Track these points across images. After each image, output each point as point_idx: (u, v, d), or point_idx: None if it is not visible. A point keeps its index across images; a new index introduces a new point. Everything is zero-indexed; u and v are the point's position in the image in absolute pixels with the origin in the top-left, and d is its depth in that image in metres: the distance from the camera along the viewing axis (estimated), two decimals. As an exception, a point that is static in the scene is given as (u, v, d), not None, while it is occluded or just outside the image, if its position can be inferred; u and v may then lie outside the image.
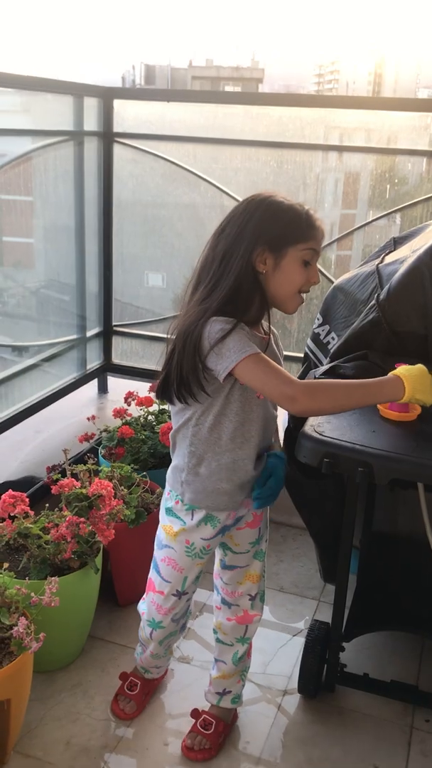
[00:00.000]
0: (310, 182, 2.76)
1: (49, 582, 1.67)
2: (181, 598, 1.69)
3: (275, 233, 1.42)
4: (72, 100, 2.73)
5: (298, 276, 1.45)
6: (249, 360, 1.35)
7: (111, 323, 3.17)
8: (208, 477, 1.53)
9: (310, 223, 1.44)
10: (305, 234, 1.43)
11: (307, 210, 1.46)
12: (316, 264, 1.47)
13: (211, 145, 2.82)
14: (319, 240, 1.46)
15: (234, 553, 1.69)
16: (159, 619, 1.71)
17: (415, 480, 1.50)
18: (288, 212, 1.44)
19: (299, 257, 1.44)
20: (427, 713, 1.90)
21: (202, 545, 1.61)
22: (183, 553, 1.62)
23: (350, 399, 1.39)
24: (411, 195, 2.63)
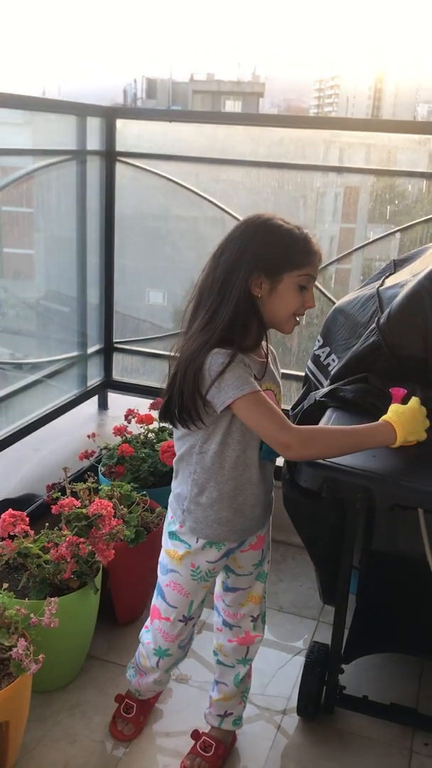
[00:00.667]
0: (310, 202, 2.78)
1: (49, 603, 1.67)
2: (188, 624, 1.67)
3: (272, 259, 1.42)
4: (75, 119, 2.76)
5: (293, 301, 1.45)
6: (247, 399, 1.36)
7: (112, 340, 3.17)
8: (210, 506, 1.53)
9: (308, 249, 1.45)
10: (302, 260, 1.44)
11: (305, 235, 1.46)
12: (312, 289, 1.48)
13: (212, 165, 2.84)
14: (315, 265, 1.47)
15: (237, 576, 1.69)
16: (166, 647, 1.69)
17: (415, 506, 1.50)
18: (286, 237, 1.44)
19: (295, 282, 1.44)
20: (426, 737, 1.89)
21: (208, 568, 1.60)
22: (189, 577, 1.60)
23: (343, 448, 1.42)
24: (411, 215, 2.64)
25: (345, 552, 1.70)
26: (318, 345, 1.92)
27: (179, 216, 2.99)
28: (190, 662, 2.11)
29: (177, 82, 60.82)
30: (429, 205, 2.61)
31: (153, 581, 1.70)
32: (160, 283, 3.20)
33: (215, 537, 1.56)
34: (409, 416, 1.41)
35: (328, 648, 1.87)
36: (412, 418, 1.41)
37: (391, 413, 1.43)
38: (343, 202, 2.85)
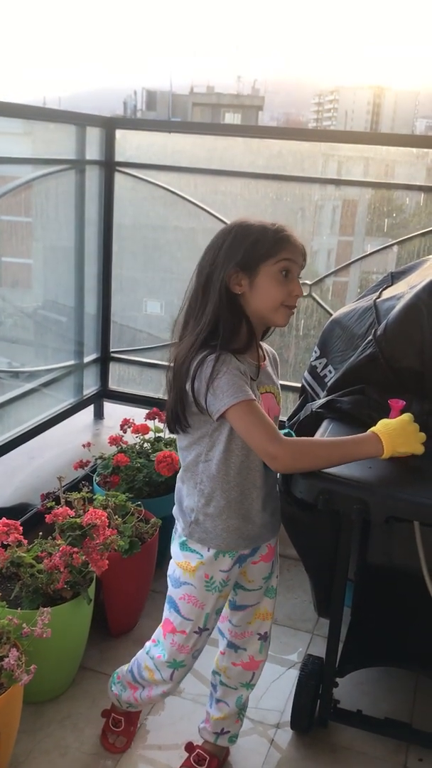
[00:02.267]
0: (308, 214, 2.79)
1: (42, 612, 1.66)
2: (203, 635, 1.61)
3: (244, 253, 1.42)
4: (75, 129, 2.77)
5: (275, 290, 1.43)
6: (240, 407, 1.36)
7: (109, 349, 3.17)
8: (218, 516, 1.51)
9: (279, 236, 1.43)
10: (274, 248, 1.43)
11: (277, 226, 1.45)
12: (296, 274, 1.46)
13: (211, 176, 2.85)
14: (292, 250, 1.44)
15: (246, 591, 1.66)
16: (181, 659, 1.62)
17: (411, 518, 1.50)
18: (255, 231, 1.44)
19: (274, 272, 1.43)
20: (420, 752, 1.88)
21: (222, 578, 1.56)
22: (203, 588, 1.56)
23: (330, 460, 1.41)
24: (408, 228, 2.65)
25: (340, 564, 1.70)
26: (315, 356, 1.92)
27: (177, 227, 3.00)
28: (184, 674, 2.09)
29: (177, 94, 61.20)
30: (426, 218, 2.62)
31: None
32: (158, 293, 3.21)
33: (225, 546, 1.53)
34: (398, 429, 1.40)
35: (322, 661, 1.86)
36: (401, 431, 1.40)
37: (380, 425, 1.42)
38: (341, 215, 2.86)
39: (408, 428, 1.41)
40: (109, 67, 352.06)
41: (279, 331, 2.86)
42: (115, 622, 2.17)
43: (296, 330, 2.85)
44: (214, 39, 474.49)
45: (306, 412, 1.81)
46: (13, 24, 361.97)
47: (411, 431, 1.41)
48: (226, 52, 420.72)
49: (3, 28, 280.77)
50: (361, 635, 2.02)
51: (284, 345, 2.90)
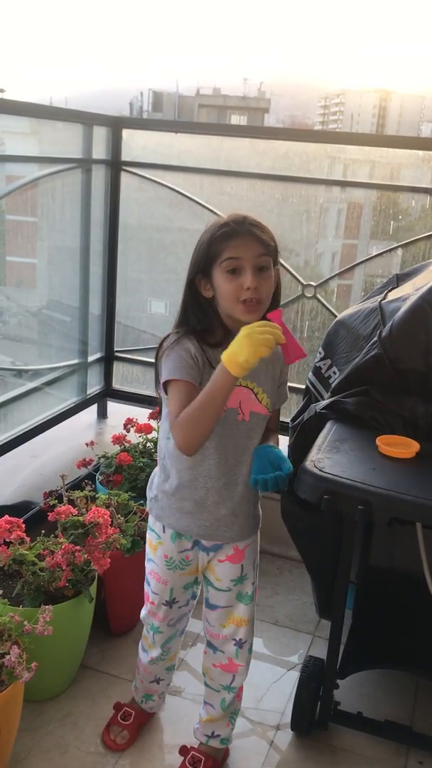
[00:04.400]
0: (314, 216, 2.79)
1: (43, 610, 1.66)
2: (173, 607, 1.70)
3: (200, 259, 1.47)
4: (81, 128, 2.77)
5: (226, 288, 1.43)
6: (172, 385, 1.43)
7: (113, 348, 3.17)
8: (173, 494, 1.57)
9: (222, 234, 1.43)
10: (218, 248, 1.43)
11: (223, 222, 1.45)
12: (247, 269, 1.41)
13: (217, 177, 2.85)
14: (234, 246, 1.42)
15: (215, 590, 1.66)
16: (157, 625, 1.74)
17: (414, 520, 1.50)
18: (205, 234, 1.47)
19: (222, 271, 1.43)
20: (420, 755, 1.87)
21: (181, 557, 1.63)
22: (164, 567, 1.65)
23: (202, 411, 1.36)
24: (414, 231, 2.65)
25: (342, 566, 1.69)
26: (319, 357, 1.92)
27: (183, 227, 3.00)
28: (184, 675, 2.09)
29: (183, 95, 61.26)
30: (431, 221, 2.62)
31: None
32: (163, 294, 3.21)
33: (179, 527, 1.59)
34: (234, 343, 1.33)
35: (323, 663, 1.85)
36: (236, 343, 1.31)
37: (224, 353, 1.36)
38: (346, 217, 2.86)
39: (242, 339, 1.31)
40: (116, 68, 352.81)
41: (283, 332, 2.86)
42: (116, 621, 2.17)
43: (300, 332, 2.85)
44: (220, 41, 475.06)
45: (310, 413, 1.81)
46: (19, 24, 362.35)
47: (243, 338, 1.31)
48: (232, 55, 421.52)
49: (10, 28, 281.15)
50: (362, 637, 2.02)
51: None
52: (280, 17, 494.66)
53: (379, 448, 1.54)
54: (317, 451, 1.53)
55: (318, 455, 1.51)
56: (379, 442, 1.55)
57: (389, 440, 1.57)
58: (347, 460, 1.50)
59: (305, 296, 2.79)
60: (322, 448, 1.55)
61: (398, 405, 1.67)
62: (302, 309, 2.82)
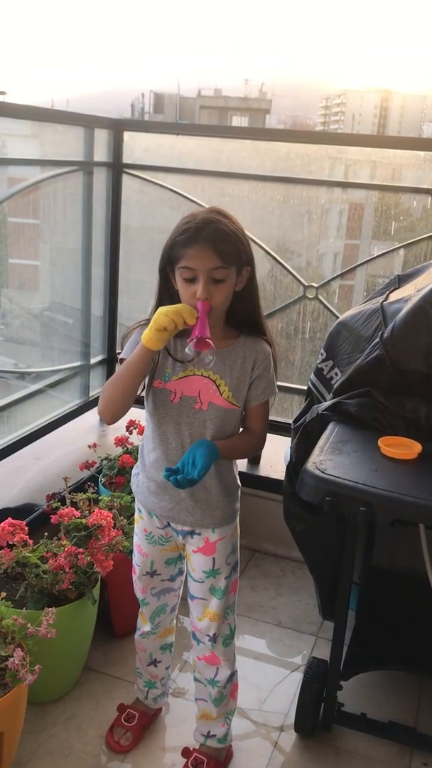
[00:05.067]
0: (315, 215, 2.79)
1: (46, 613, 1.66)
2: (154, 577, 1.76)
3: (164, 255, 1.49)
4: (83, 131, 2.77)
5: (182, 291, 1.46)
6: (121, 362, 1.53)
7: (115, 351, 3.17)
8: (143, 471, 1.68)
9: (183, 240, 1.43)
10: (177, 254, 1.44)
11: (185, 225, 1.44)
12: (201, 280, 1.42)
13: (218, 178, 2.86)
14: (190, 257, 1.42)
15: (192, 580, 1.70)
16: (142, 597, 1.80)
17: (416, 521, 1.50)
18: (174, 231, 1.47)
19: (180, 275, 1.46)
20: (424, 756, 1.87)
21: (160, 533, 1.69)
22: (144, 540, 1.72)
23: (118, 378, 1.48)
24: (415, 231, 2.65)
25: (345, 567, 1.69)
26: (321, 358, 1.92)
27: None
28: (188, 677, 2.09)
29: (184, 97, 61.27)
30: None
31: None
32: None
33: (147, 505, 1.67)
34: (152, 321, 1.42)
35: (326, 664, 1.86)
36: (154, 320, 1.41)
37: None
38: (348, 218, 2.86)
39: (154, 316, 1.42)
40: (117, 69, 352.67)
41: (285, 334, 2.87)
42: (119, 623, 2.17)
43: (302, 333, 2.85)
44: (221, 41, 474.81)
45: (312, 414, 1.81)
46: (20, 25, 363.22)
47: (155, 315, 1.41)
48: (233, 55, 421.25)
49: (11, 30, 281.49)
50: (365, 638, 2.02)
51: (290, 347, 2.91)
52: (280, 17, 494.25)
53: (381, 449, 1.54)
54: (319, 453, 1.53)
55: (320, 457, 1.51)
56: (381, 443, 1.55)
57: (391, 441, 1.57)
58: (349, 461, 1.50)
59: (307, 297, 2.79)
60: (324, 450, 1.55)
61: (400, 406, 1.67)
62: (304, 310, 2.82)
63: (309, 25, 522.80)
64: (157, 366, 1.55)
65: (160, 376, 1.56)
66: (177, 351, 1.55)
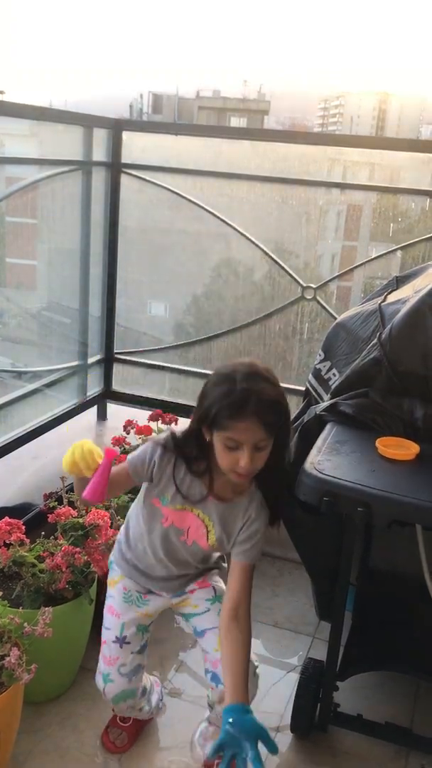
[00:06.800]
0: (313, 216, 2.79)
1: (43, 612, 1.66)
2: (123, 647, 1.67)
3: (204, 411, 1.40)
4: (81, 130, 2.77)
5: (222, 456, 1.41)
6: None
7: (112, 350, 3.17)
8: (128, 552, 1.66)
9: (227, 408, 1.35)
10: (221, 422, 1.37)
11: (227, 389, 1.36)
12: (246, 450, 1.36)
13: (217, 179, 2.86)
14: (237, 429, 1.35)
15: (198, 616, 1.67)
16: (107, 672, 1.68)
17: (414, 522, 1.50)
18: (210, 390, 1.40)
19: (221, 441, 1.39)
20: (421, 757, 1.87)
21: (138, 594, 1.67)
22: (121, 599, 1.68)
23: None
24: (413, 233, 2.66)
25: (342, 568, 1.69)
26: (319, 359, 1.93)
27: (183, 229, 3.00)
28: (183, 677, 2.09)
29: (183, 98, 61.25)
30: (431, 223, 2.62)
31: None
32: (162, 296, 3.21)
33: (130, 576, 1.67)
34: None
35: (323, 664, 1.85)
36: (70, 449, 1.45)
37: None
38: (346, 219, 2.86)
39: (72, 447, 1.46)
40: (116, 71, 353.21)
41: (283, 335, 2.87)
42: (116, 623, 2.17)
43: (300, 334, 2.85)
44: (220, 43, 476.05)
45: (310, 415, 1.81)
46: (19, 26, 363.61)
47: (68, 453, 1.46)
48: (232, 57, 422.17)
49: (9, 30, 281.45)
50: (362, 639, 2.01)
51: (288, 348, 2.91)
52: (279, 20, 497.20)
53: (378, 450, 1.55)
54: (317, 453, 1.53)
55: (318, 457, 1.51)
56: (378, 444, 1.55)
57: (389, 442, 1.57)
58: (347, 462, 1.50)
59: (305, 298, 2.79)
60: (322, 450, 1.55)
61: (398, 407, 1.67)
62: (302, 311, 2.82)
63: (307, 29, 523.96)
64: (161, 484, 1.53)
65: (160, 496, 1.54)
66: (183, 483, 1.51)
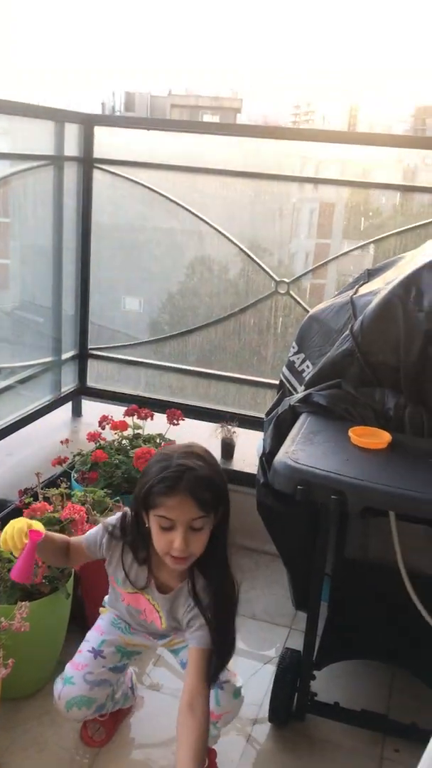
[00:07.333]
0: (286, 212, 2.81)
1: (20, 606, 1.65)
2: (97, 659, 1.69)
3: (138, 498, 1.43)
4: (53, 125, 2.76)
5: (158, 540, 1.43)
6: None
7: (87, 346, 3.16)
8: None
9: (159, 489, 1.37)
10: (154, 501, 1.39)
11: (161, 471, 1.38)
12: (180, 531, 1.38)
13: (189, 174, 2.86)
14: (169, 507, 1.37)
15: (185, 649, 1.64)
16: (70, 675, 1.68)
17: (387, 509, 1.52)
18: (147, 476, 1.41)
19: (156, 521, 1.41)
20: (397, 743, 1.90)
21: (126, 625, 1.72)
22: (109, 623, 1.74)
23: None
24: (384, 228, 2.68)
25: (317, 556, 1.71)
26: (293, 351, 1.94)
27: (156, 225, 3.00)
28: (162, 670, 2.10)
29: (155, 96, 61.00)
30: (403, 219, 2.65)
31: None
32: (137, 291, 3.21)
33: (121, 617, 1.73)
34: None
35: (299, 654, 1.87)
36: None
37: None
38: (319, 215, 2.88)
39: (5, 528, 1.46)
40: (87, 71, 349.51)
41: (257, 329, 2.88)
42: (93, 618, 2.15)
43: (274, 328, 2.87)
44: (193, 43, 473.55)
45: (284, 406, 1.82)
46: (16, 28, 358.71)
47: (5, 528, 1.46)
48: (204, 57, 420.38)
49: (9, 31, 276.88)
50: (338, 629, 2.04)
51: (262, 343, 2.92)
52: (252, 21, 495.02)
53: (351, 439, 1.56)
54: (291, 443, 1.55)
55: (292, 447, 1.52)
56: (351, 433, 1.57)
57: (361, 431, 1.59)
58: (321, 451, 1.52)
59: (278, 293, 2.81)
60: (296, 440, 1.57)
61: (370, 397, 1.69)
62: (276, 305, 2.84)
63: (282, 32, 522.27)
64: (112, 566, 1.59)
65: (114, 576, 1.61)
66: (131, 569, 1.56)
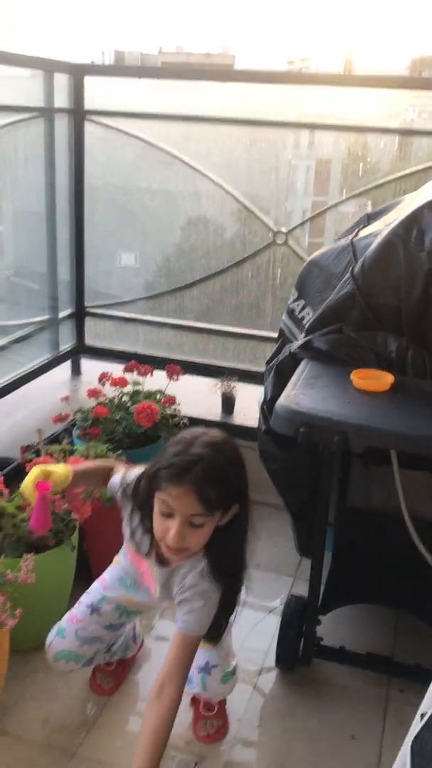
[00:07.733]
0: (282, 167, 2.75)
1: (25, 559, 1.66)
2: (92, 615, 1.69)
3: (151, 464, 1.40)
4: (42, 75, 2.67)
5: (157, 523, 1.40)
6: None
7: (83, 304, 3.12)
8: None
9: (166, 475, 1.33)
10: (159, 485, 1.35)
11: (173, 461, 1.33)
12: (177, 521, 1.34)
13: (183, 123, 2.79)
14: (173, 496, 1.32)
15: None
16: (64, 627, 1.69)
17: (388, 447, 1.52)
18: (166, 450, 1.37)
19: (158, 504, 1.37)
20: (401, 683, 1.92)
21: (132, 582, 1.69)
22: (117, 577, 1.71)
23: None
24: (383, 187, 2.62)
25: (321, 499, 1.71)
26: (293, 298, 1.91)
27: (150, 177, 2.94)
28: (166, 623, 2.11)
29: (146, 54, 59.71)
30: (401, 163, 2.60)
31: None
32: (132, 245, 3.15)
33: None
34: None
35: (305, 600, 1.88)
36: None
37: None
38: (315, 173, 2.83)
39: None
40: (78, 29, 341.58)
41: (256, 282, 2.85)
42: (99, 570, 2.16)
43: (273, 279, 2.83)
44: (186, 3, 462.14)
45: (284, 354, 1.81)
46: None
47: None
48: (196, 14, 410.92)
49: None
50: (342, 574, 2.05)
51: (261, 296, 2.89)
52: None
53: (353, 382, 1.55)
54: (292, 388, 1.53)
55: (293, 391, 1.51)
56: (353, 376, 1.56)
57: (363, 374, 1.57)
58: (322, 395, 1.50)
59: (276, 243, 2.76)
60: (297, 385, 1.55)
61: (371, 340, 1.67)
62: (274, 257, 2.80)
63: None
64: (125, 520, 1.57)
65: (124, 531, 1.59)
66: (136, 532, 1.53)
